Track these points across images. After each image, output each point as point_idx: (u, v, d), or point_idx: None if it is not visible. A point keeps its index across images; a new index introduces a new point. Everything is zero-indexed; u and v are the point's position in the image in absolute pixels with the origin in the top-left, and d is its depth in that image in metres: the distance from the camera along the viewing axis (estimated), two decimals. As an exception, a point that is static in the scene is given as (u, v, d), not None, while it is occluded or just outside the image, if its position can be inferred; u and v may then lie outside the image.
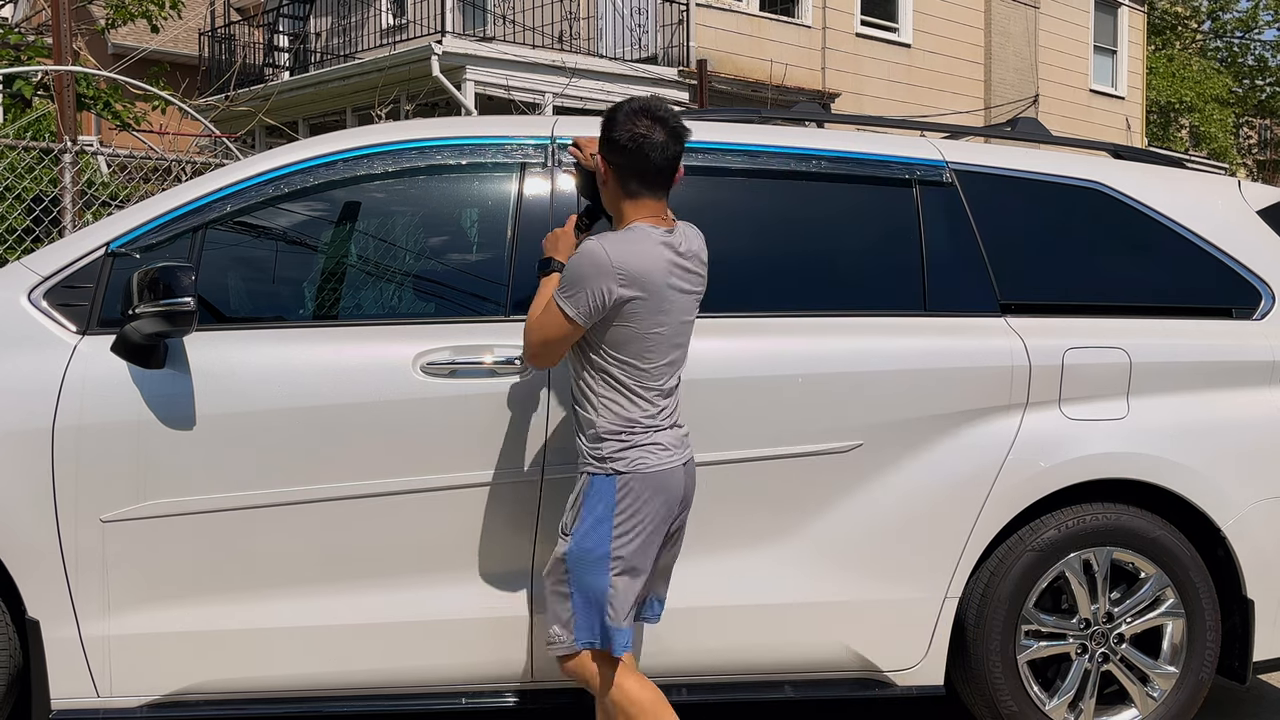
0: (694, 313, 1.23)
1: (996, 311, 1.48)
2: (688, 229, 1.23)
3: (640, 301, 1.17)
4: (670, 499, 1.20)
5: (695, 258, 1.22)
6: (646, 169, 1.18)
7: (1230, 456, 1.48)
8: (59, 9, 2.88)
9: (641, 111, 1.18)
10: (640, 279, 1.16)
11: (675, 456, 1.19)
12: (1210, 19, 13.61)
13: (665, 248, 1.19)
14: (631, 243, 1.18)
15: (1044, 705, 1.46)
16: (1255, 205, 1.65)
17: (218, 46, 7.45)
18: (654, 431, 1.18)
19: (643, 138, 1.17)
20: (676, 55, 6.45)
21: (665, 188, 1.21)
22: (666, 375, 1.20)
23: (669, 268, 1.18)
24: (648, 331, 1.17)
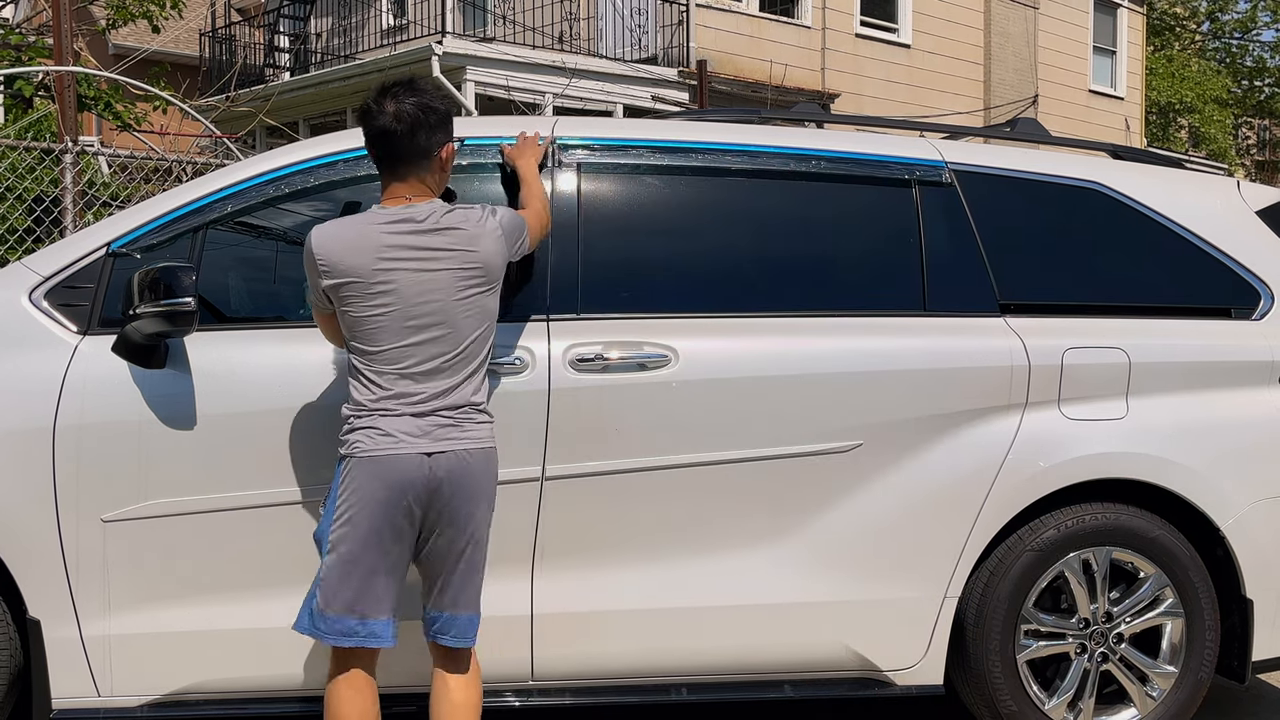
0: (457, 290, 1.14)
1: (996, 311, 1.49)
2: (451, 206, 1.17)
3: (349, 286, 1.13)
4: (393, 488, 1.11)
5: (444, 233, 1.14)
6: (372, 147, 1.17)
7: (1229, 456, 1.49)
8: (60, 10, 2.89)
9: (378, 90, 1.17)
10: (340, 265, 1.13)
11: (403, 444, 1.11)
12: (1209, 20, 13.60)
13: (385, 228, 1.13)
14: (340, 227, 1.15)
15: (1043, 705, 1.46)
16: (1254, 205, 1.66)
17: (218, 47, 7.45)
18: (378, 415, 1.13)
19: (367, 116, 1.16)
20: (676, 56, 6.45)
21: (386, 163, 1.17)
22: (410, 359, 1.12)
23: (381, 249, 1.12)
24: (367, 315, 1.13)
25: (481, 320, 1.17)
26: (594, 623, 1.36)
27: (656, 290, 1.42)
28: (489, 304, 1.18)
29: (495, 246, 1.18)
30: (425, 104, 1.16)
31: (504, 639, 1.35)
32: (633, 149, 1.46)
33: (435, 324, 1.14)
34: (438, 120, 1.17)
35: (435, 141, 1.17)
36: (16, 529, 1.27)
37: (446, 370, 1.15)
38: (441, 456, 1.13)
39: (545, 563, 1.35)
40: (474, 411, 1.17)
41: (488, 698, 1.35)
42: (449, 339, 1.15)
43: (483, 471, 1.16)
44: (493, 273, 1.18)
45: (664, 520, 1.37)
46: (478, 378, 1.18)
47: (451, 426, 1.14)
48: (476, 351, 1.17)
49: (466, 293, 1.15)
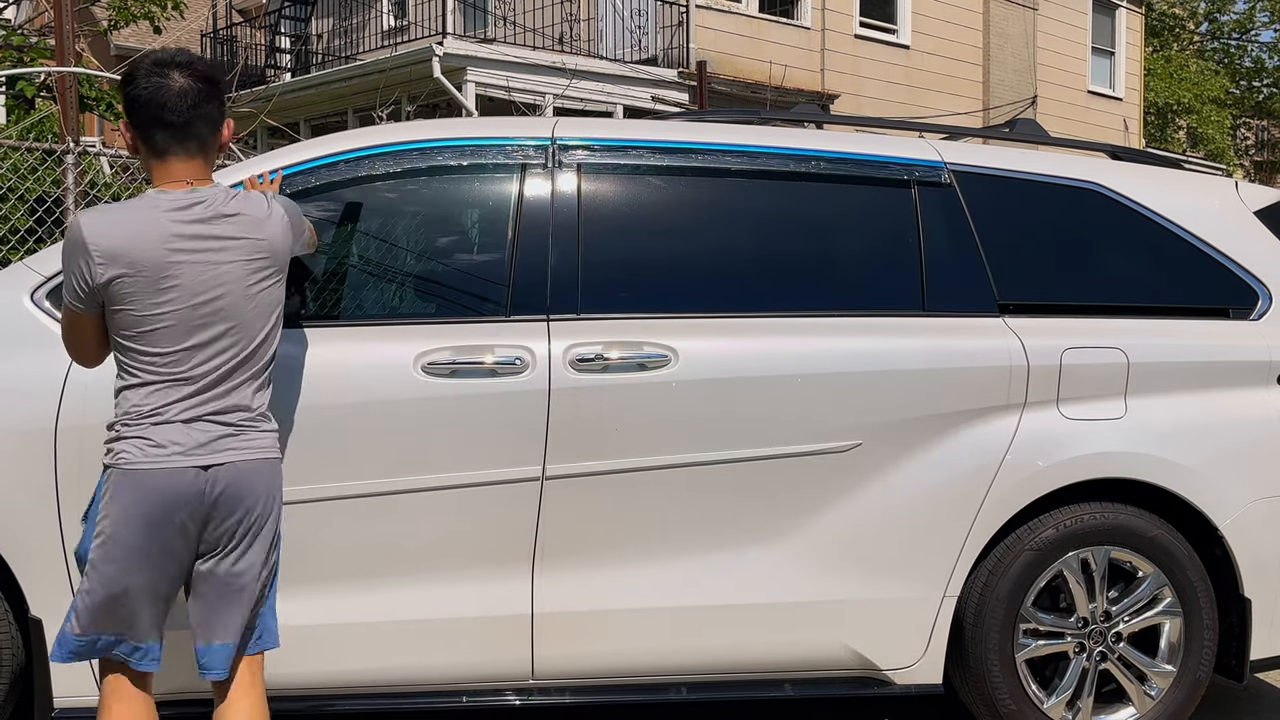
0: (246, 283, 1.04)
1: (995, 311, 1.49)
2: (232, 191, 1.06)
3: (130, 280, 1.01)
4: (164, 505, 1.01)
5: (232, 220, 1.04)
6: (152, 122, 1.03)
7: (1228, 456, 1.49)
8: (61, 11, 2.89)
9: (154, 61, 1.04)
10: (122, 257, 1.00)
11: (175, 457, 1.01)
12: (1207, 21, 13.61)
13: (173, 215, 1.02)
14: (119, 214, 1.02)
15: (1042, 704, 1.46)
16: (1252, 206, 1.66)
17: (219, 48, 7.47)
18: (149, 424, 1.01)
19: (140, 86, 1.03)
20: (676, 57, 6.46)
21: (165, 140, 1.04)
22: (192, 361, 1.02)
23: (169, 239, 1.01)
24: (151, 314, 1.02)
25: (270, 314, 1.07)
26: (594, 622, 1.36)
27: (656, 290, 1.42)
28: (277, 295, 1.08)
29: (281, 233, 1.08)
30: (208, 74, 1.05)
31: (505, 638, 1.35)
32: (632, 149, 1.46)
33: (222, 321, 1.04)
34: (220, 95, 1.08)
35: (220, 118, 1.08)
36: (18, 528, 1.27)
37: (231, 373, 1.05)
38: (220, 470, 1.03)
39: (545, 562, 1.35)
40: (257, 419, 1.06)
41: (488, 697, 1.36)
42: (237, 338, 1.05)
43: (266, 485, 1.06)
44: (280, 260, 1.08)
45: (664, 520, 1.37)
46: (261, 380, 1.07)
47: (230, 436, 1.04)
48: (264, 352, 1.07)
49: (256, 285, 1.05)
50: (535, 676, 1.37)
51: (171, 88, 1.05)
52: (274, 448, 1.09)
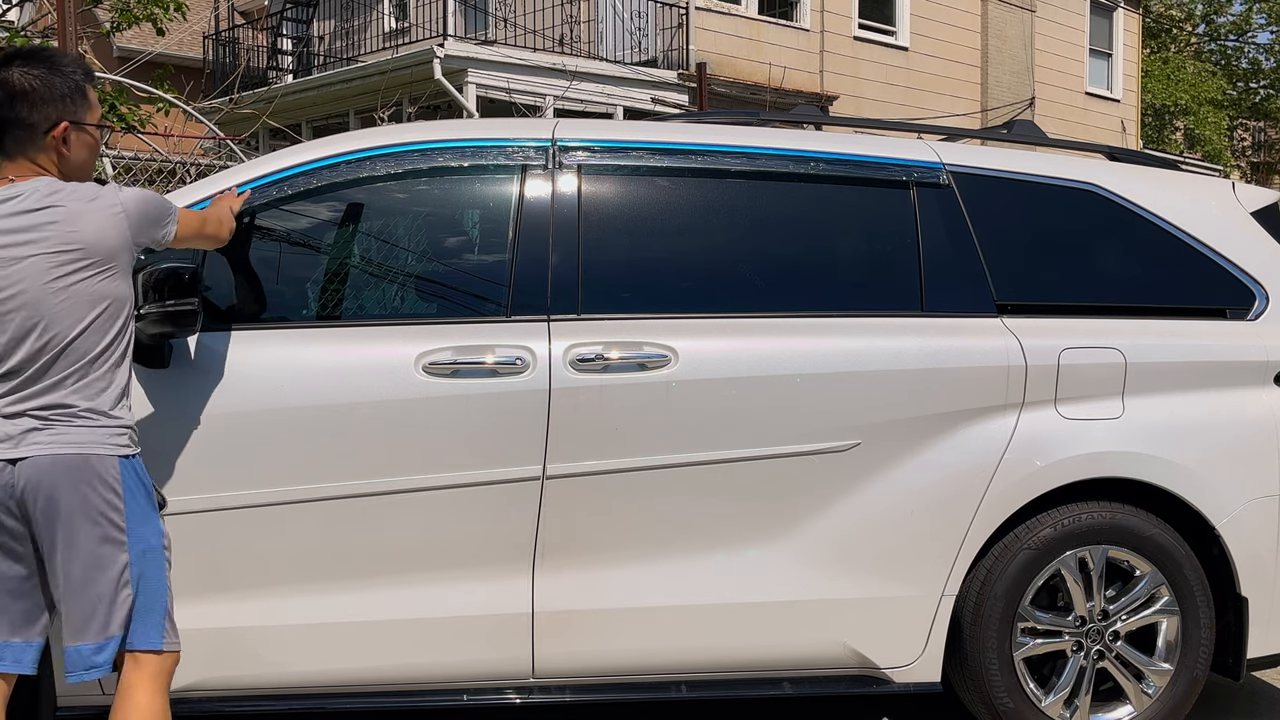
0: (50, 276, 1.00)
1: (993, 312, 1.50)
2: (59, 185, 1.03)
3: None
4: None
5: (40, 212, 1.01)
6: None
7: (1225, 456, 1.49)
8: (64, 12, 2.90)
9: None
10: None
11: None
12: (1205, 22, 13.64)
13: None
14: None
15: (1040, 702, 1.47)
16: (1249, 207, 1.67)
17: (222, 49, 7.47)
18: None
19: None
20: (676, 58, 6.48)
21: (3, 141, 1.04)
22: (3, 356, 1.00)
23: None
24: None
25: (91, 308, 1.02)
26: (594, 621, 1.37)
27: (656, 291, 1.43)
28: (104, 289, 1.03)
29: (107, 224, 1.03)
30: (33, 75, 1.03)
31: (505, 637, 1.35)
32: (633, 151, 1.47)
33: (25, 318, 1.01)
34: (50, 95, 1.04)
35: (42, 118, 1.04)
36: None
37: (45, 368, 1.01)
38: (25, 463, 1.00)
39: (546, 561, 1.36)
40: (76, 413, 1.01)
41: (489, 696, 1.36)
42: (45, 333, 1.01)
43: (70, 482, 1.00)
44: (101, 252, 1.03)
45: (663, 519, 1.38)
46: (92, 376, 1.03)
47: (39, 430, 1.00)
48: (88, 345, 1.02)
49: (64, 278, 1.01)
50: (536, 675, 1.37)
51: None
52: (97, 443, 1.02)
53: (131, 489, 1.06)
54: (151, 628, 1.07)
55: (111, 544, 1.04)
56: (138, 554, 1.06)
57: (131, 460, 1.07)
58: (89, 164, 1.11)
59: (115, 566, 1.04)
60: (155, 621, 1.07)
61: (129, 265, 1.08)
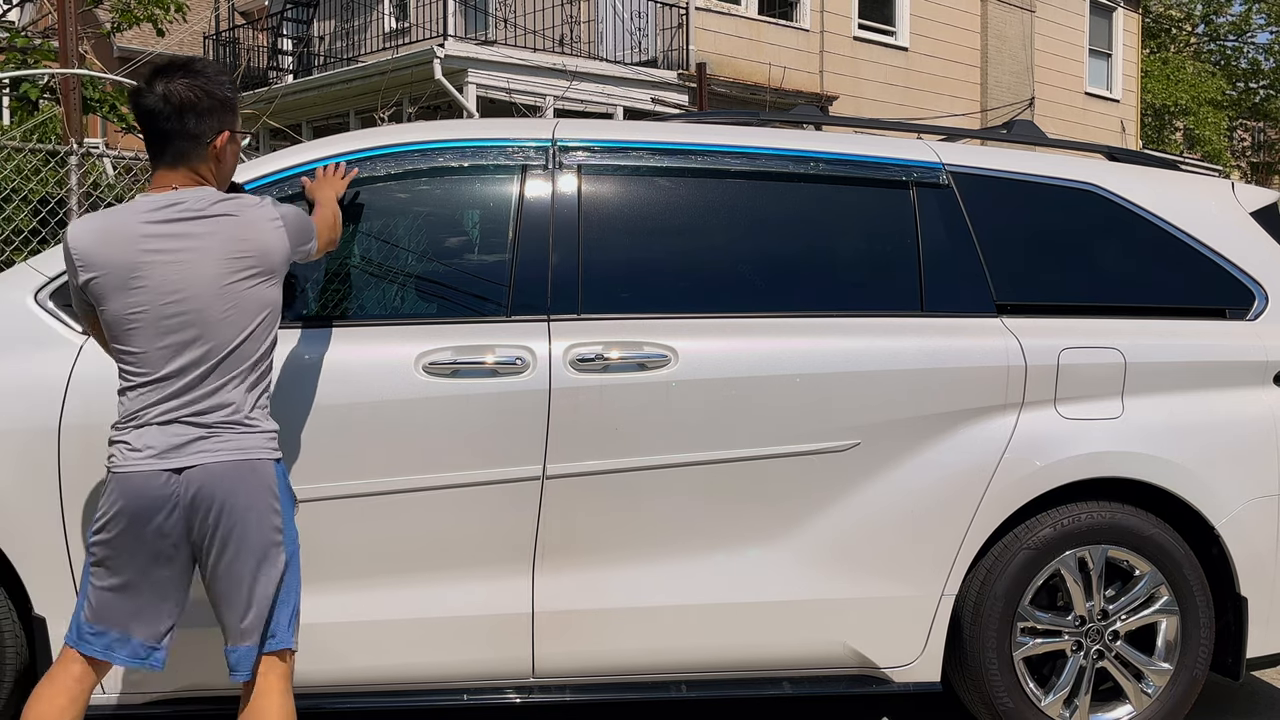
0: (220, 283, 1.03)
1: (992, 312, 1.50)
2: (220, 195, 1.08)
3: (98, 280, 1.04)
4: (134, 508, 1.02)
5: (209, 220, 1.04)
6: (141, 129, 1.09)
7: (1224, 455, 1.50)
8: (65, 13, 2.90)
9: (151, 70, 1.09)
10: (94, 258, 1.04)
11: (149, 460, 1.02)
12: (1204, 23, 13.65)
13: (144, 217, 1.04)
14: (98, 218, 1.06)
15: (1040, 702, 1.47)
16: (1248, 207, 1.67)
17: (222, 50, 7.49)
18: (132, 428, 1.04)
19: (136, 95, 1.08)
20: (676, 59, 6.48)
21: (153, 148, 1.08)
22: (165, 363, 1.03)
23: (139, 239, 1.03)
24: (123, 314, 1.04)
25: (254, 315, 1.06)
26: (594, 620, 1.37)
27: (656, 291, 1.43)
28: (265, 295, 1.07)
29: (274, 236, 1.08)
30: (196, 86, 1.07)
31: (505, 636, 1.35)
32: (633, 151, 1.47)
33: (190, 324, 1.04)
34: (214, 105, 1.08)
35: (207, 128, 1.08)
36: (22, 527, 1.28)
37: (208, 375, 1.04)
38: (195, 471, 1.03)
39: (546, 561, 1.36)
40: (240, 420, 1.05)
41: (489, 695, 1.36)
42: (210, 339, 1.04)
43: (244, 487, 1.04)
44: (269, 262, 1.07)
45: (663, 519, 1.38)
46: (249, 381, 1.06)
47: (204, 439, 1.03)
48: (247, 352, 1.06)
49: (233, 284, 1.05)
50: (536, 674, 1.37)
51: (146, 103, 1.08)
52: (259, 448, 1.07)
53: (283, 492, 1.11)
54: (292, 628, 1.11)
55: (276, 546, 1.08)
56: (291, 556, 1.10)
57: (279, 464, 1.11)
58: (233, 172, 1.15)
59: (278, 567, 1.08)
60: (294, 621, 1.11)
61: (284, 276, 1.12)
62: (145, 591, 1.07)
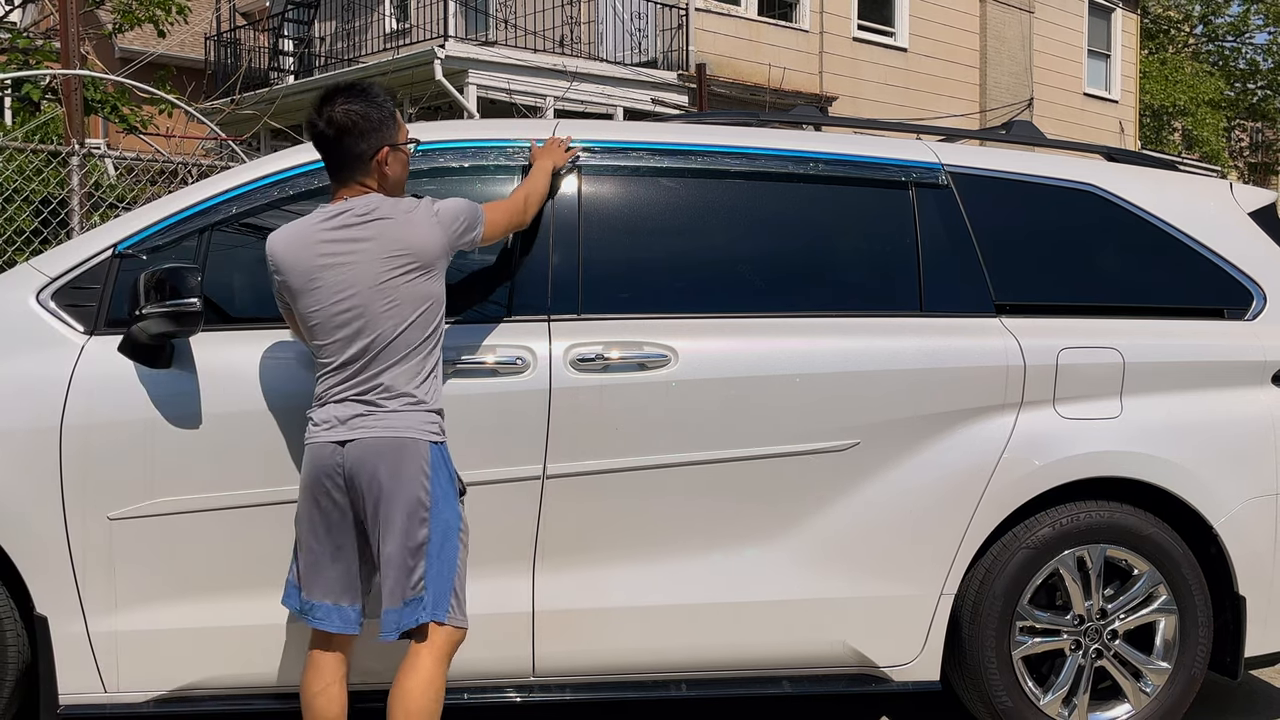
0: (378, 279, 1.15)
1: (992, 312, 1.50)
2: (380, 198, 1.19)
3: (288, 282, 1.19)
4: (315, 475, 1.17)
5: (371, 224, 1.17)
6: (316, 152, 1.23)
7: (1223, 455, 1.50)
8: (67, 14, 2.91)
9: (321, 96, 1.21)
10: (283, 264, 1.19)
11: (322, 432, 1.17)
12: (1202, 23, 13.65)
13: (320, 226, 1.18)
14: (288, 228, 1.21)
15: (1039, 701, 1.47)
16: (1247, 207, 1.67)
17: (223, 50, 7.49)
18: (317, 406, 1.19)
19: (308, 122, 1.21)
20: (676, 59, 6.49)
21: (328, 169, 1.22)
22: (338, 351, 1.17)
23: (317, 245, 1.17)
24: (305, 311, 1.19)
25: (414, 307, 1.17)
26: (594, 620, 1.37)
27: (656, 291, 1.43)
28: (423, 289, 1.18)
29: (427, 231, 1.18)
30: (355, 110, 1.19)
31: (506, 636, 1.36)
32: (633, 151, 1.48)
33: (357, 318, 1.17)
34: (370, 125, 1.19)
35: (368, 148, 1.20)
36: (24, 526, 1.29)
37: (372, 362, 1.17)
38: (352, 445, 1.15)
39: (546, 560, 1.36)
40: (397, 401, 1.16)
41: (489, 694, 1.37)
42: (373, 331, 1.16)
43: (396, 461, 1.14)
44: (426, 257, 1.18)
45: (663, 519, 1.38)
46: (410, 365, 1.17)
47: (364, 415, 1.16)
48: (410, 339, 1.17)
49: (392, 281, 1.16)
50: (536, 674, 1.37)
51: (316, 127, 1.21)
52: (413, 428, 1.16)
53: (438, 471, 1.19)
54: (441, 602, 1.17)
55: (418, 521, 1.16)
56: (438, 532, 1.17)
57: (440, 446, 1.20)
58: (404, 178, 1.26)
59: (417, 540, 1.16)
60: (444, 597, 1.17)
61: (444, 268, 1.22)
62: (321, 557, 1.18)
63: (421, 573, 1.15)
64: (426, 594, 1.15)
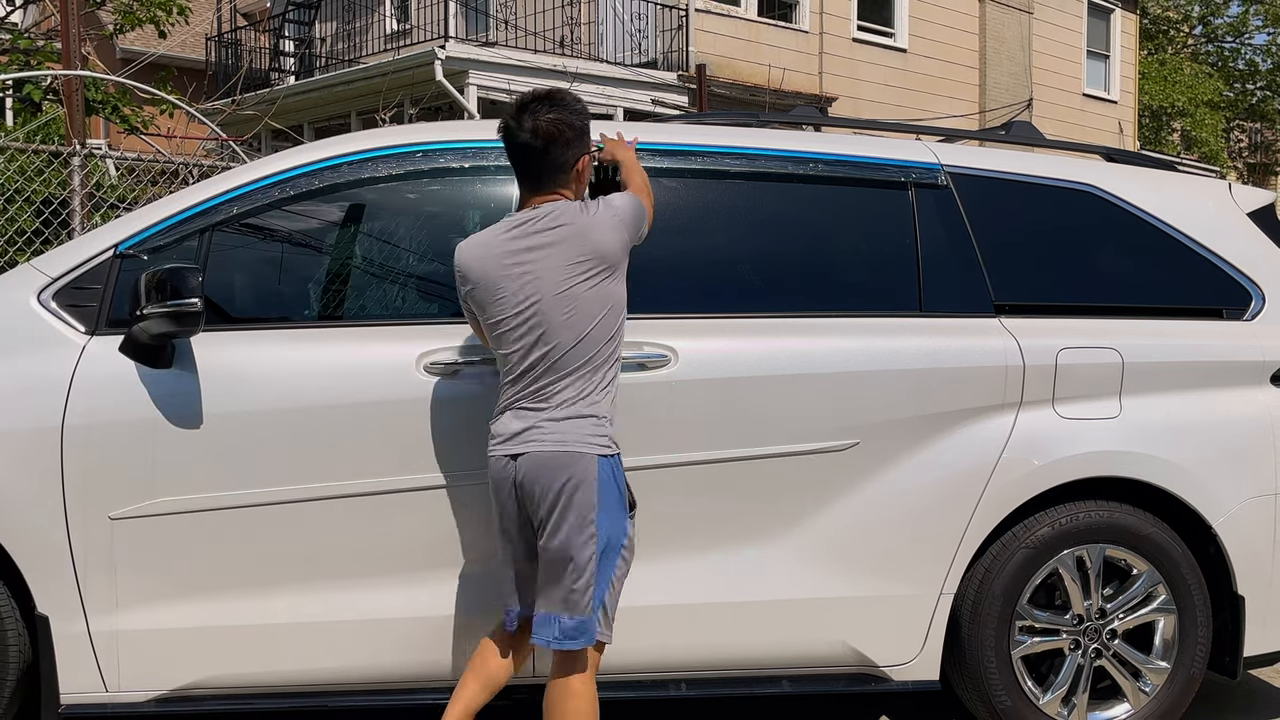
0: (559, 287, 1.16)
1: (991, 312, 1.51)
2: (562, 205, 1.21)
3: (474, 291, 1.21)
4: (495, 487, 1.20)
5: (552, 230, 1.18)
6: (512, 162, 1.25)
7: (1221, 455, 1.50)
8: (68, 14, 2.91)
9: (517, 106, 1.22)
10: (468, 270, 1.21)
11: (498, 446, 1.19)
12: (1201, 24, 13.67)
13: (505, 235, 1.20)
14: (475, 238, 1.23)
15: (1038, 700, 1.47)
16: (1245, 208, 1.68)
17: (224, 51, 7.49)
18: (496, 417, 1.21)
19: (507, 132, 1.23)
20: (676, 60, 6.49)
21: (522, 176, 1.23)
22: (521, 360, 1.18)
23: (502, 255, 1.19)
24: (491, 319, 1.20)
25: (593, 315, 1.18)
26: (595, 619, 1.37)
27: (656, 291, 1.44)
28: (605, 291, 1.19)
29: (612, 234, 1.20)
30: (560, 120, 1.21)
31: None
32: (633, 152, 1.48)
33: (536, 327, 1.18)
34: (575, 134, 1.22)
35: (572, 156, 1.22)
36: (25, 526, 1.29)
37: (546, 372, 1.18)
38: (524, 458, 1.17)
39: (547, 559, 1.37)
40: (568, 410, 1.17)
41: (490, 693, 1.37)
42: (551, 339, 1.18)
43: (563, 475, 1.16)
44: (610, 258, 1.20)
45: (663, 518, 1.38)
46: (584, 376, 1.18)
47: (536, 428, 1.17)
48: (586, 350, 1.18)
49: (573, 289, 1.17)
50: (536, 674, 1.38)
51: (518, 139, 1.22)
52: (582, 441, 1.17)
53: (605, 485, 1.19)
54: (594, 617, 1.20)
55: (583, 534, 1.17)
56: (600, 547, 1.19)
57: (609, 459, 1.20)
58: (586, 184, 1.28)
59: (583, 554, 1.17)
60: (598, 612, 1.20)
61: (625, 268, 1.23)
62: (505, 562, 1.22)
63: (581, 585, 1.17)
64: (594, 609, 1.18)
